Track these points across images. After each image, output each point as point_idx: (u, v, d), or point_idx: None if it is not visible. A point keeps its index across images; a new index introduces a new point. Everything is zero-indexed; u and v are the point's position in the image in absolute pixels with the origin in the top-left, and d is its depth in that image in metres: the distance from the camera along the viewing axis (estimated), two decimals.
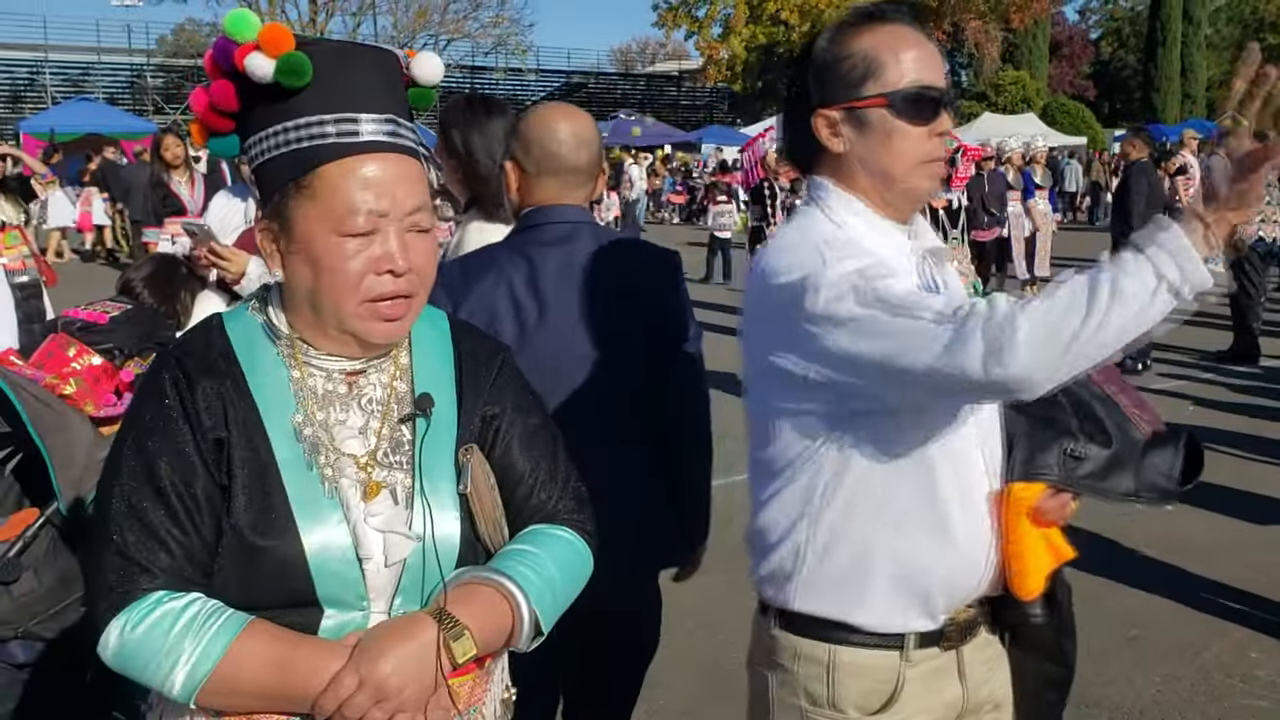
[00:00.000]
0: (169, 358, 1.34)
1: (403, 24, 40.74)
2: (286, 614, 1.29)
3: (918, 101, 1.57)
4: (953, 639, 1.66)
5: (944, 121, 1.60)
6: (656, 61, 57.28)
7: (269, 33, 1.28)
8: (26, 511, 2.63)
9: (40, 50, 36.41)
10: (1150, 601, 4.41)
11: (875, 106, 1.58)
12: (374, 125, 1.31)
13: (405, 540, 1.33)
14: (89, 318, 3.00)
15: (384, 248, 1.30)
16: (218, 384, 1.31)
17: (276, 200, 1.31)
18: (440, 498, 1.36)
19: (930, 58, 1.60)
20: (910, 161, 1.60)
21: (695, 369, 2.32)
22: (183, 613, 1.24)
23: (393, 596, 1.34)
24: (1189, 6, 42.98)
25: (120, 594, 1.25)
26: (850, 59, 1.59)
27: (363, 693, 1.24)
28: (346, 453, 1.34)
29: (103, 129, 25.52)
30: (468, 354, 1.48)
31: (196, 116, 1.37)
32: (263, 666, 1.25)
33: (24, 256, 6.02)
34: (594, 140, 2.25)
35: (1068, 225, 20.48)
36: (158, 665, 1.23)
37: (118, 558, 1.26)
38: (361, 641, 1.28)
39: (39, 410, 2.58)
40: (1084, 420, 1.68)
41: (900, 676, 1.63)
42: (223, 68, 1.31)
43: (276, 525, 1.28)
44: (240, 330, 1.38)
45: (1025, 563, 1.62)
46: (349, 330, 1.33)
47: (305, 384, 1.35)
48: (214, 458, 1.29)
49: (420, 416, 1.38)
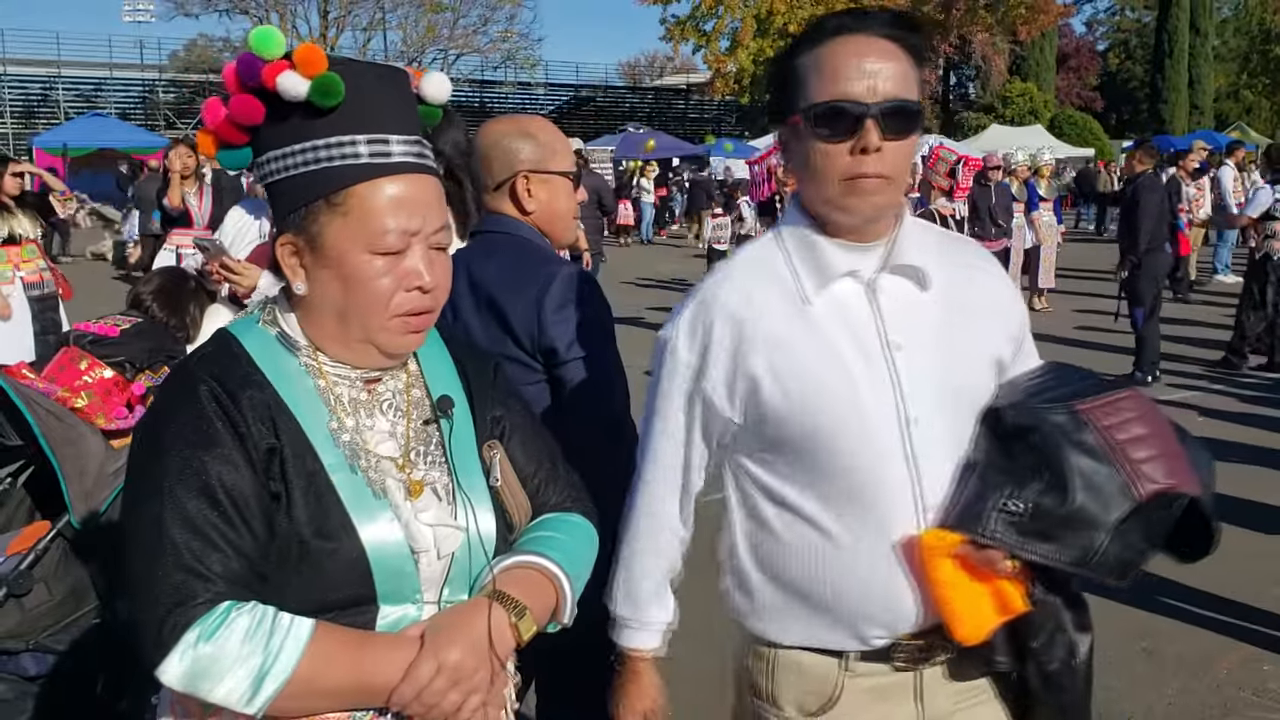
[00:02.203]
0: (197, 372, 1.34)
1: (412, 39, 40.98)
2: (346, 614, 1.32)
3: (829, 116, 1.49)
4: (903, 660, 1.63)
5: (867, 138, 1.48)
6: (664, 75, 57.46)
7: (305, 53, 1.30)
8: (38, 524, 2.65)
9: (53, 66, 36.66)
10: (1162, 614, 4.39)
11: (795, 124, 1.55)
12: (404, 146, 1.35)
13: (455, 532, 1.39)
14: (100, 331, 3.01)
15: (413, 265, 1.35)
16: (258, 393, 1.33)
17: (302, 216, 1.34)
18: (476, 492, 1.44)
19: (873, 69, 1.49)
20: (829, 179, 1.52)
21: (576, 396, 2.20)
22: (253, 623, 1.24)
23: (441, 588, 1.39)
24: (1196, 18, 42.96)
25: (186, 608, 1.22)
26: (790, 73, 1.57)
27: (441, 678, 1.29)
28: (384, 455, 1.39)
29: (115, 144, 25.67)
30: (467, 360, 1.55)
31: (210, 128, 1.38)
32: (339, 668, 1.27)
33: (41, 270, 6.06)
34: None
35: (1073, 237, 20.43)
36: (233, 679, 1.21)
37: (177, 571, 1.23)
38: (429, 630, 1.32)
39: (51, 423, 2.60)
40: (1043, 471, 1.50)
41: (838, 683, 1.64)
42: (247, 83, 1.32)
43: (336, 527, 1.31)
44: (256, 343, 1.39)
45: (953, 609, 1.54)
46: (375, 343, 1.38)
47: (332, 391, 1.39)
48: (264, 466, 1.30)
49: (444, 418, 1.44)
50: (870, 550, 1.56)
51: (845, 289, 1.59)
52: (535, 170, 2.32)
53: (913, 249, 1.61)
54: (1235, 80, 48.02)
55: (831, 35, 1.55)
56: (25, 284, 5.83)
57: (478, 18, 41.42)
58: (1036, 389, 1.62)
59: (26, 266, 5.84)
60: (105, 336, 2.98)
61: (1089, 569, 1.50)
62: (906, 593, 1.57)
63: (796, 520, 1.61)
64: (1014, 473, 1.52)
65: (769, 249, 1.65)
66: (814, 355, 1.56)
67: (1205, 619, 4.36)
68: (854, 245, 1.60)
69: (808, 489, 1.59)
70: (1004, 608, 1.55)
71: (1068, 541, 1.49)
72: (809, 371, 1.56)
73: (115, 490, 2.59)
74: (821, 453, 1.56)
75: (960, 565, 1.52)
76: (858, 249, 1.60)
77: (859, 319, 1.58)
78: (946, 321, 1.60)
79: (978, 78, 42.70)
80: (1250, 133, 33.21)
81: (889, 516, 1.55)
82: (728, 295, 1.62)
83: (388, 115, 1.35)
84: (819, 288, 1.59)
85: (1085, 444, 1.50)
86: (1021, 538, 1.50)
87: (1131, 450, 1.51)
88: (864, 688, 1.63)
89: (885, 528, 1.55)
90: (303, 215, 1.34)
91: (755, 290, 1.61)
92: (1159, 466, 1.51)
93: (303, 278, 1.36)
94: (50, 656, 2.55)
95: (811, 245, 1.60)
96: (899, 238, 1.61)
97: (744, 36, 37.36)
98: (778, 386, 1.57)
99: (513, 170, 2.32)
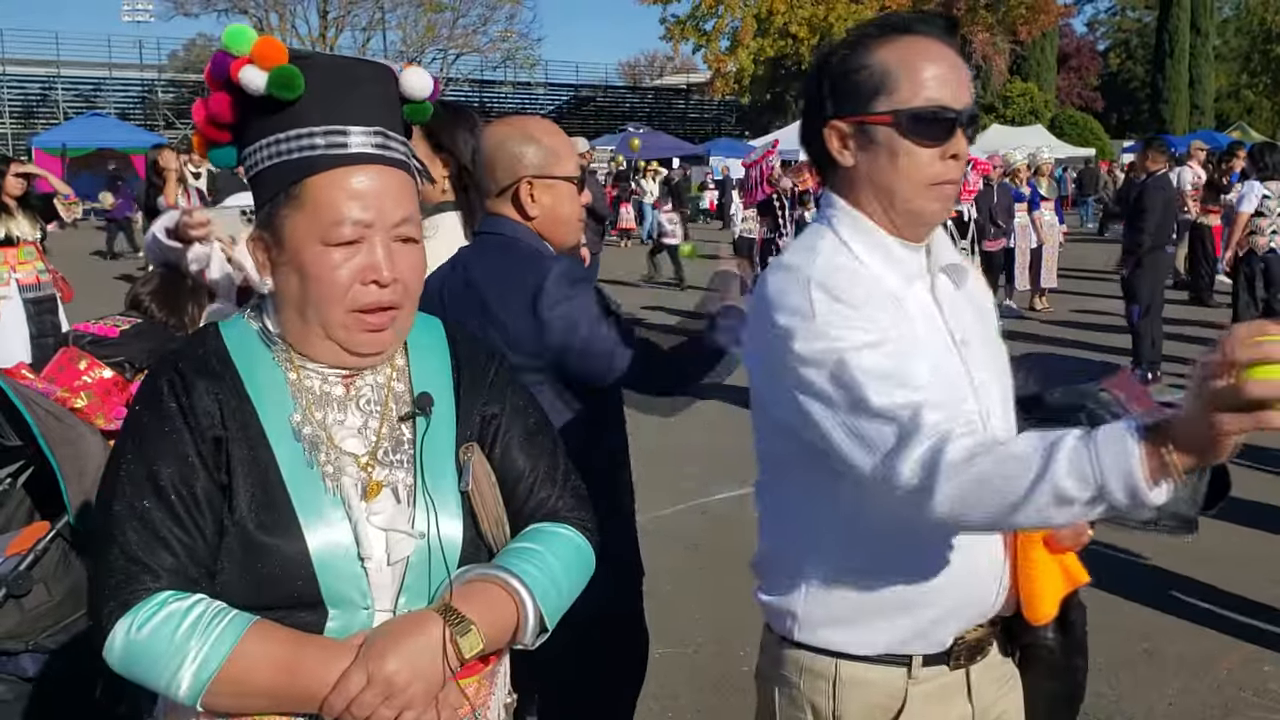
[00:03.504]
0: (165, 363, 1.36)
1: (412, 39, 41.02)
2: (292, 614, 1.29)
3: (928, 122, 1.50)
4: (961, 658, 1.63)
5: (957, 143, 1.52)
6: (664, 75, 57.46)
7: (262, 46, 1.30)
8: (38, 525, 2.64)
9: (52, 66, 36.69)
10: (1163, 614, 4.39)
11: (882, 124, 1.52)
12: (363, 137, 1.33)
13: (408, 539, 1.34)
14: (100, 331, 3.01)
15: (369, 258, 1.31)
16: (213, 384, 1.32)
17: (267, 210, 1.33)
18: (442, 496, 1.38)
19: (952, 74, 1.52)
20: (916, 183, 1.53)
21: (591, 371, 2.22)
22: (188, 613, 1.24)
23: (397, 596, 1.34)
24: (1197, 18, 42.98)
25: (125, 595, 1.24)
26: (864, 70, 1.53)
27: (371, 690, 1.24)
28: (347, 451, 1.35)
29: (114, 144, 25.69)
30: (465, 356, 1.50)
31: (197, 128, 1.40)
32: (270, 667, 1.24)
33: (39, 271, 6.05)
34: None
35: (1075, 236, 20.44)
36: (164, 667, 1.23)
37: (121, 559, 1.25)
38: (368, 639, 1.28)
39: (50, 424, 2.60)
40: None
41: (905, 694, 1.61)
42: (220, 80, 1.33)
43: (280, 522, 1.29)
44: (236, 336, 1.39)
45: (1038, 588, 1.60)
46: (335, 339, 1.35)
47: (302, 385, 1.37)
48: (213, 457, 1.30)
49: (420, 415, 1.39)
50: (958, 543, 1.56)
51: (917, 288, 1.59)
52: (540, 176, 2.29)
53: (945, 248, 1.65)
54: (1236, 80, 48.04)
55: (902, 35, 1.53)
56: (21, 286, 5.81)
57: (477, 17, 41.54)
58: (1058, 371, 1.69)
59: (23, 268, 5.82)
60: (105, 337, 2.98)
61: (1157, 527, 1.62)
62: (988, 582, 1.60)
63: (897, 519, 1.52)
64: None
65: (839, 251, 1.56)
66: (927, 344, 1.54)
67: (1206, 619, 4.35)
68: (912, 245, 1.60)
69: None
70: (1071, 580, 1.64)
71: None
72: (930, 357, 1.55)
73: None
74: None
75: (1045, 544, 1.60)
76: (915, 249, 1.60)
77: (934, 317, 1.59)
78: (979, 317, 1.66)
79: (978, 77, 42.62)
80: (1251, 133, 33.18)
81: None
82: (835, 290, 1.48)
83: (350, 107, 1.33)
84: (904, 286, 1.57)
85: (1126, 416, 1.58)
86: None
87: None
88: (925, 693, 1.61)
89: None
90: (268, 210, 1.33)
91: (859, 288, 1.52)
92: None
93: (269, 273, 1.36)
94: (49, 657, 2.55)
95: (881, 244, 1.57)
96: (933, 237, 1.64)
97: (744, 36, 37.39)
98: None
99: (516, 176, 2.29)
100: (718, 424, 6.39)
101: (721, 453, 6.23)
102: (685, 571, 4.65)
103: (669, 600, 4.38)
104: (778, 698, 1.68)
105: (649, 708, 2.41)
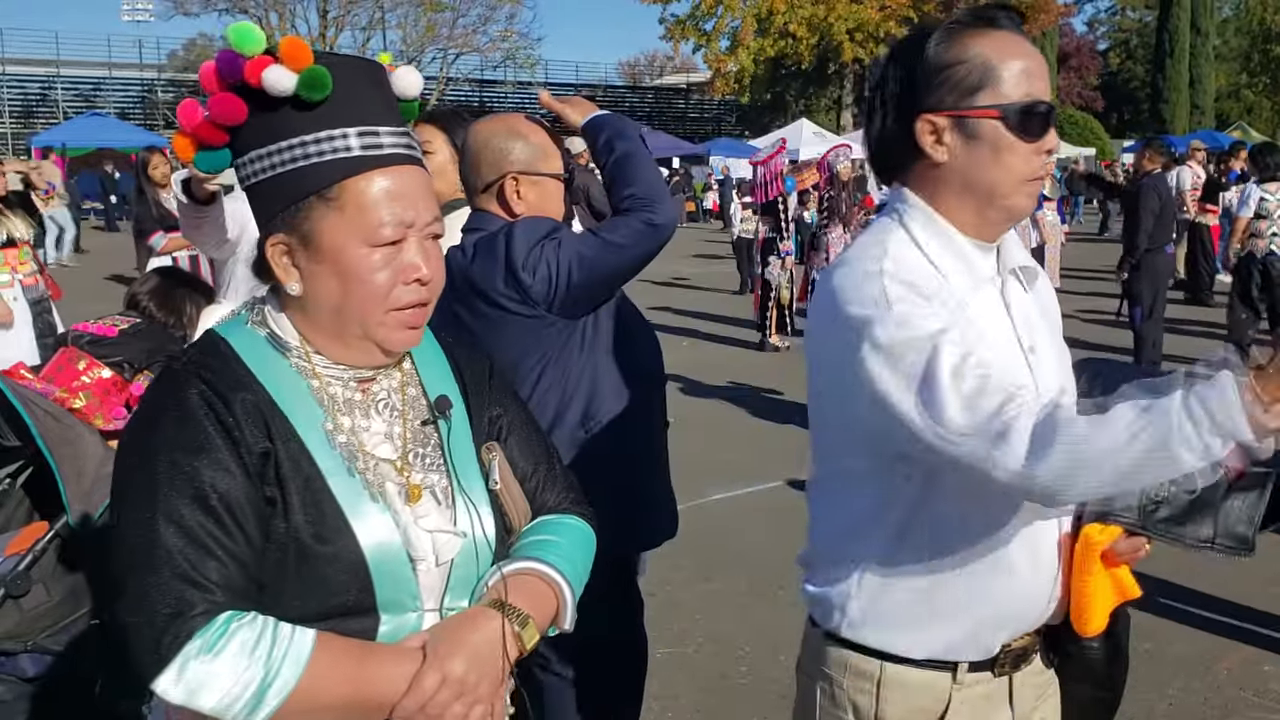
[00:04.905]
0: (186, 374, 1.31)
1: (412, 38, 40.98)
2: (344, 623, 1.28)
3: (1030, 116, 1.49)
4: (1006, 666, 1.62)
5: (1051, 138, 1.52)
6: (664, 74, 57.47)
7: (290, 46, 1.28)
8: (36, 525, 2.64)
9: (52, 66, 36.69)
10: (1163, 615, 4.37)
11: (989, 118, 1.49)
12: (392, 138, 1.34)
13: (453, 539, 1.37)
14: (98, 331, 3.00)
15: (410, 258, 1.33)
16: (252, 397, 1.30)
17: (293, 213, 1.31)
18: (477, 496, 1.41)
19: (1040, 69, 1.51)
20: (1016, 178, 1.52)
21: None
22: (255, 635, 1.20)
23: (442, 596, 1.37)
24: (1197, 18, 42.99)
25: (185, 621, 1.18)
26: (966, 64, 1.50)
27: (445, 690, 1.26)
28: (381, 458, 1.36)
29: (114, 144, 25.69)
30: (462, 359, 1.52)
31: (187, 130, 1.34)
32: (340, 681, 1.23)
33: (35, 272, 6.04)
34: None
35: (1075, 236, 20.43)
36: (233, 693, 1.18)
37: (173, 580, 1.19)
38: (432, 640, 1.29)
39: (48, 424, 2.59)
40: None
41: (950, 698, 1.59)
42: (228, 81, 1.30)
43: (335, 532, 1.28)
44: (245, 344, 1.36)
45: (1090, 601, 1.59)
46: (374, 339, 1.34)
47: (326, 392, 1.35)
48: (259, 470, 1.27)
49: (442, 419, 1.41)
50: (1017, 549, 1.54)
51: (987, 291, 1.57)
52: (525, 172, 2.30)
53: (1016, 249, 1.63)
54: (1236, 80, 48.03)
55: (991, 28, 1.52)
56: (23, 287, 5.80)
57: (477, 17, 41.45)
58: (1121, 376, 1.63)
59: (23, 269, 5.81)
60: (104, 337, 2.97)
61: (1214, 545, 1.60)
62: (1042, 591, 1.59)
63: (975, 511, 1.53)
64: None
65: (910, 249, 1.54)
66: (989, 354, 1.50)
67: (1206, 620, 4.35)
68: (986, 245, 1.58)
69: (972, 489, 1.48)
70: (1122, 593, 1.63)
71: (1197, 521, 1.59)
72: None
73: None
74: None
75: (1103, 557, 1.59)
76: (988, 249, 1.59)
77: (1002, 322, 1.57)
78: (1047, 320, 1.65)
79: None
80: (1251, 132, 33.20)
81: (1035, 515, 1.54)
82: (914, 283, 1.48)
83: (374, 107, 1.34)
84: (973, 290, 1.54)
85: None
86: (1166, 524, 1.58)
87: None
88: (968, 699, 1.60)
89: (1033, 527, 1.55)
90: (293, 213, 1.31)
91: (930, 285, 1.51)
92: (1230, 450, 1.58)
93: (296, 277, 1.33)
94: (49, 658, 2.55)
95: (954, 245, 1.55)
96: (1004, 238, 1.61)
97: (744, 36, 37.39)
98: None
99: (501, 171, 2.30)
100: (715, 426, 6.39)
101: (720, 454, 6.23)
102: (685, 571, 4.66)
103: (669, 600, 4.38)
104: (819, 695, 1.66)
105: (649, 708, 2.42)
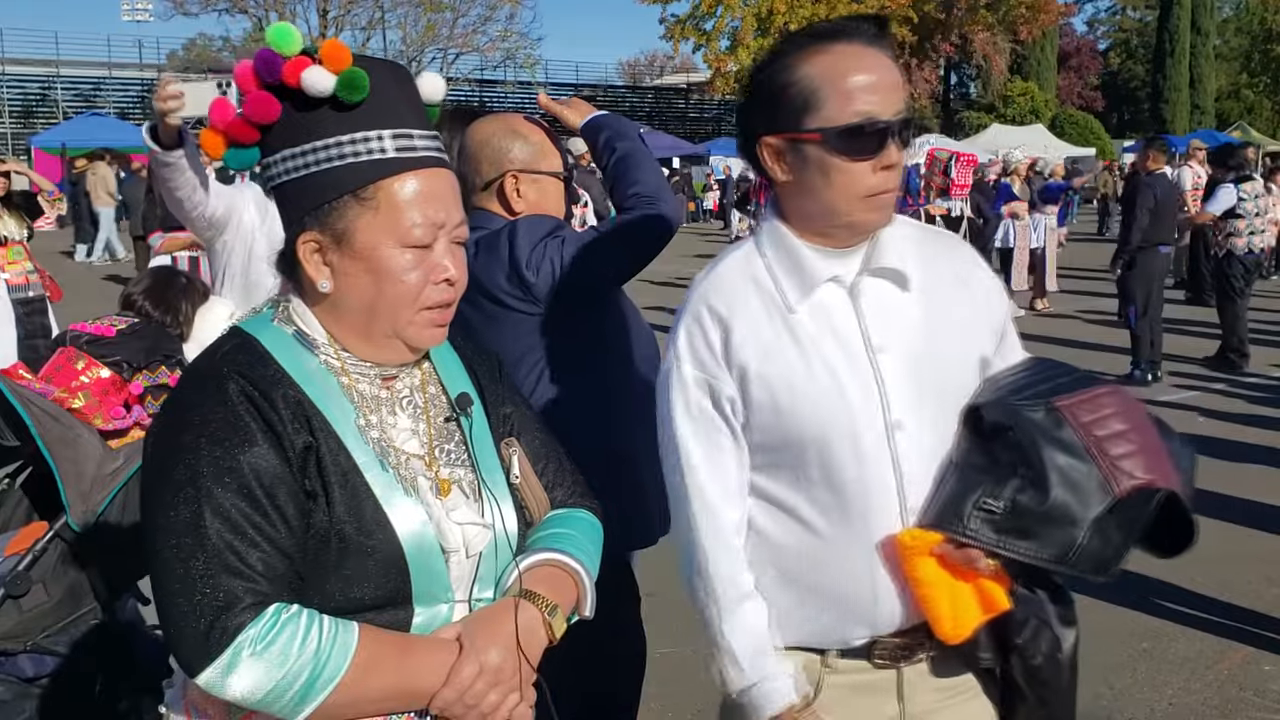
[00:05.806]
0: (224, 369, 1.31)
1: (411, 38, 40.96)
2: (380, 615, 1.32)
3: (858, 136, 1.48)
4: (883, 658, 1.63)
5: (890, 154, 1.50)
6: (664, 74, 57.48)
7: (331, 48, 1.32)
8: (36, 525, 2.64)
9: (52, 65, 36.65)
10: (1163, 614, 4.38)
11: (811, 142, 1.51)
12: (424, 140, 1.37)
13: (483, 531, 1.40)
14: (96, 331, 3.00)
15: (439, 258, 1.37)
16: (293, 393, 1.32)
17: (326, 212, 1.33)
18: (500, 490, 1.45)
19: (881, 83, 1.50)
20: (852, 197, 1.52)
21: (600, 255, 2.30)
22: (301, 628, 1.23)
23: (470, 587, 1.40)
24: (1197, 18, 43.01)
25: (232, 613, 1.21)
26: (793, 86, 1.51)
27: (482, 680, 1.31)
28: (411, 453, 1.39)
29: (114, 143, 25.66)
30: (474, 357, 1.56)
31: (219, 128, 1.36)
32: (385, 673, 1.27)
33: (28, 272, 6.02)
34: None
35: (1074, 237, 20.43)
36: (285, 686, 1.21)
37: (220, 573, 1.21)
38: (467, 632, 1.34)
39: (48, 424, 2.59)
40: (1021, 468, 1.51)
41: (819, 679, 1.64)
42: (266, 80, 1.32)
43: (374, 525, 1.31)
44: (274, 342, 1.37)
45: (935, 608, 1.54)
46: (403, 337, 1.38)
47: (355, 388, 1.38)
48: (301, 464, 1.29)
49: (464, 416, 1.46)
50: (854, 551, 1.57)
51: (828, 294, 1.59)
52: (525, 170, 2.30)
53: (892, 251, 1.60)
54: (1236, 80, 48.03)
55: (825, 44, 1.52)
56: (9, 286, 5.78)
57: (477, 17, 41.40)
58: (1017, 385, 1.62)
59: (11, 269, 5.77)
60: (102, 337, 2.98)
61: (1068, 565, 1.51)
62: (889, 593, 1.58)
63: (785, 521, 1.61)
64: (993, 470, 1.53)
65: (750, 258, 1.65)
66: (800, 364, 1.57)
67: (1206, 620, 4.35)
68: (836, 251, 1.60)
69: (796, 492, 1.60)
70: (987, 606, 1.55)
71: (1047, 538, 1.50)
72: (796, 381, 1.56)
73: (113, 491, 2.59)
74: (809, 458, 1.57)
75: (942, 564, 1.53)
76: (840, 254, 1.60)
77: (842, 324, 1.58)
78: (928, 322, 1.60)
79: (978, 77, 42.73)
80: (1252, 132, 33.24)
81: (873, 518, 1.56)
82: (714, 306, 1.62)
83: (407, 110, 1.37)
84: (802, 296, 1.59)
85: (1063, 441, 1.52)
86: (1000, 535, 1.50)
87: (1110, 446, 1.53)
88: (843, 684, 1.64)
89: (869, 529, 1.56)
90: (327, 212, 1.33)
91: (737, 301, 1.61)
92: (1138, 462, 1.53)
93: (327, 275, 1.35)
94: (48, 658, 2.55)
95: (793, 253, 1.60)
96: (879, 239, 1.60)
97: (744, 36, 37.34)
98: (766, 396, 1.57)
99: (501, 170, 2.30)
100: None
101: None
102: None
103: (669, 600, 4.37)
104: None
105: (649, 708, 2.42)
